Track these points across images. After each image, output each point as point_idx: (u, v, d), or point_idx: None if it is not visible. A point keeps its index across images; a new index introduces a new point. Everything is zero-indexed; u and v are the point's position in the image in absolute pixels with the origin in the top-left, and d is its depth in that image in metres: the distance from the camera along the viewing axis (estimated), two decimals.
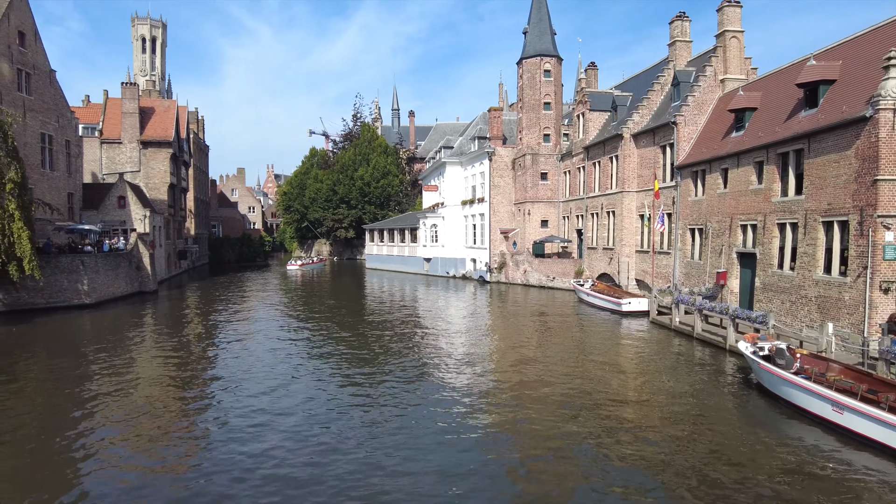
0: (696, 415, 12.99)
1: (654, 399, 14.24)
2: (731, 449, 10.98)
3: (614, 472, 10.08)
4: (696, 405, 13.70)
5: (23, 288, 28.82)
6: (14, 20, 33.25)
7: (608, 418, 12.72)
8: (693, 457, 10.63)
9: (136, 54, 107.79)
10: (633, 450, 10.90)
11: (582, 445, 11.19)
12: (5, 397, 14.76)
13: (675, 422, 12.47)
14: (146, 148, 50.35)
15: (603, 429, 12.05)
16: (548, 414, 12.99)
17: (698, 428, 12.11)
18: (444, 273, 48.48)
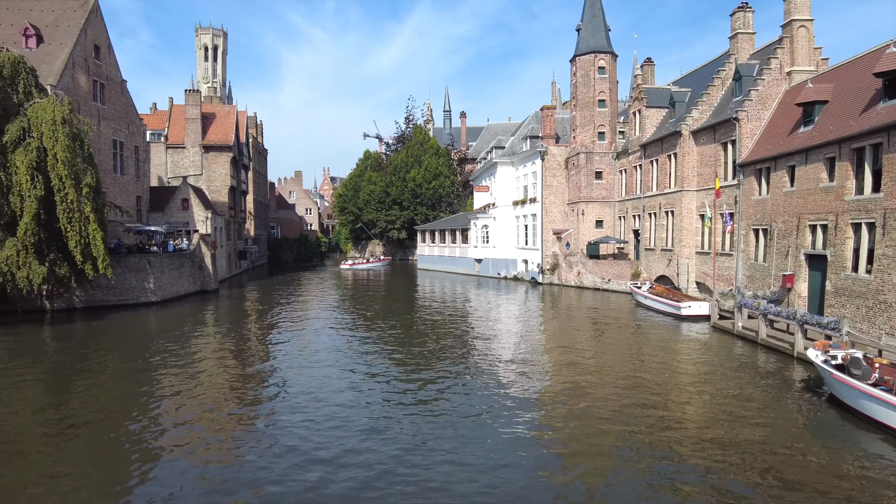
0: (760, 425, 12.32)
1: (715, 408, 13.63)
2: (799, 465, 10.34)
3: (669, 484, 9.68)
4: (761, 415, 13.00)
5: (97, 286, 30.54)
6: (90, 35, 35.29)
7: (665, 426, 12.25)
8: (756, 471, 10.07)
9: (199, 62, 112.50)
10: (692, 462, 10.44)
11: (636, 453, 10.83)
12: (84, 388, 15.64)
13: (738, 433, 11.86)
14: (208, 152, 52.44)
15: (659, 438, 11.61)
16: (601, 420, 12.63)
17: (763, 440, 11.48)
18: (496, 274, 48.21)
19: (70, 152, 25.84)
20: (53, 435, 12.30)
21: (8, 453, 11.21)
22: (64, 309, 30.10)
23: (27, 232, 25.39)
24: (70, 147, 25.89)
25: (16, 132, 25.77)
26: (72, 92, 32.32)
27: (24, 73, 27.34)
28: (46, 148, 25.63)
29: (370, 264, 67.61)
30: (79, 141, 26.78)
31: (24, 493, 9.46)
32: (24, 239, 25.36)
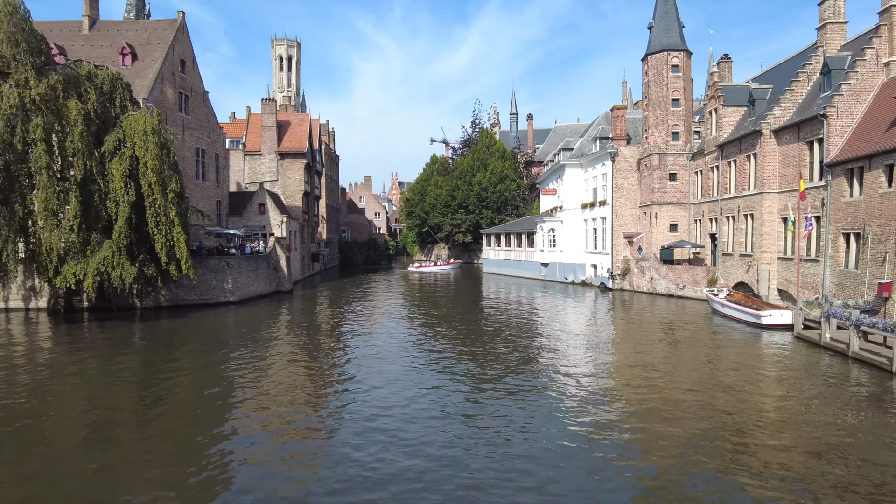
0: (851, 447, 11.41)
1: (799, 426, 12.75)
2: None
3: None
4: (853, 436, 12.03)
5: (180, 286, 32.48)
6: (177, 50, 37.66)
7: (743, 445, 11.58)
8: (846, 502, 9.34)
9: (274, 72, 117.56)
10: (772, 485, 9.80)
11: (709, 474, 10.27)
12: (169, 381, 16.67)
13: (826, 455, 11.01)
14: (283, 159, 54.67)
15: (736, 458, 10.99)
16: (673, 435, 12.11)
17: (855, 465, 10.62)
18: (563, 279, 47.39)
19: (158, 160, 27.64)
20: (142, 424, 13.17)
21: (103, 438, 12.10)
22: (151, 307, 32.21)
23: (121, 235, 27.36)
24: (158, 155, 27.70)
25: (113, 143, 27.86)
26: (160, 104, 34.59)
27: (120, 88, 29.54)
28: (138, 156, 27.55)
29: (439, 267, 68.25)
30: (166, 149, 28.59)
31: (115, 474, 10.18)
32: (117, 241, 27.35)
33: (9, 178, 25.82)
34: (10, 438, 12.25)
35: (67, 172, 27.93)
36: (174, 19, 38.92)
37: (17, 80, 25.87)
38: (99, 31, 38.94)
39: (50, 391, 15.96)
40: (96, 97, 27.98)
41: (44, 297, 31.54)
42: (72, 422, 13.43)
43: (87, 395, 15.67)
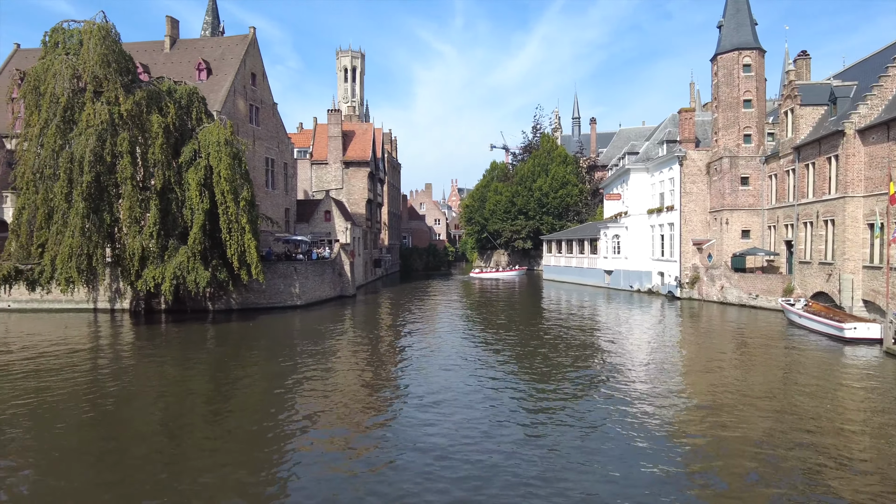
0: None
1: (890, 452, 11.84)
2: None
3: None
4: None
5: (249, 290, 33.88)
6: (248, 64, 39.45)
7: (824, 472, 10.86)
8: None
9: (339, 83, 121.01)
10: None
11: (784, 499, 9.67)
12: (239, 380, 17.41)
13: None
14: (348, 167, 56.14)
15: (816, 486, 10.33)
16: (745, 457, 11.47)
17: None
18: (628, 287, 46.11)
19: (231, 170, 29.00)
20: (212, 420, 13.80)
21: (176, 431, 12.78)
22: (223, 310, 33.75)
23: (195, 241, 28.86)
24: (231, 165, 29.06)
25: (189, 153, 29.48)
26: (233, 116, 36.31)
27: (196, 101, 31.26)
28: (212, 166, 29.01)
29: (502, 273, 67.78)
30: (238, 159, 29.96)
31: (186, 464, 10.72)
32: (192, 247, 28.86)
33: (99, 188, 27.78)
34: (93, 427, 13.14)
35: (148, 182, 29.79)
36: (246, 35, 40.85)
37: (108, 97, 27.85)
38: (178, 49, 41.40)
39: (130, 386, 17.00)
40: (175, 111, 29.71)
41: (126, 299, 33.68)
42: (147, 416, 14.25)
43: (162, 392, 16.59)
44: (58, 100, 27.65)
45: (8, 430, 13.05)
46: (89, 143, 26.88)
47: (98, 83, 28.10)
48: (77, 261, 27.25)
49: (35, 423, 13.54)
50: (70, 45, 28.85)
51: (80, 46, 28.42)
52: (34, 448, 12.07)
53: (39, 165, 27.74)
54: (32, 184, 27.92)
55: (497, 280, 61.99)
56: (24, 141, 28.65)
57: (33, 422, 13.66)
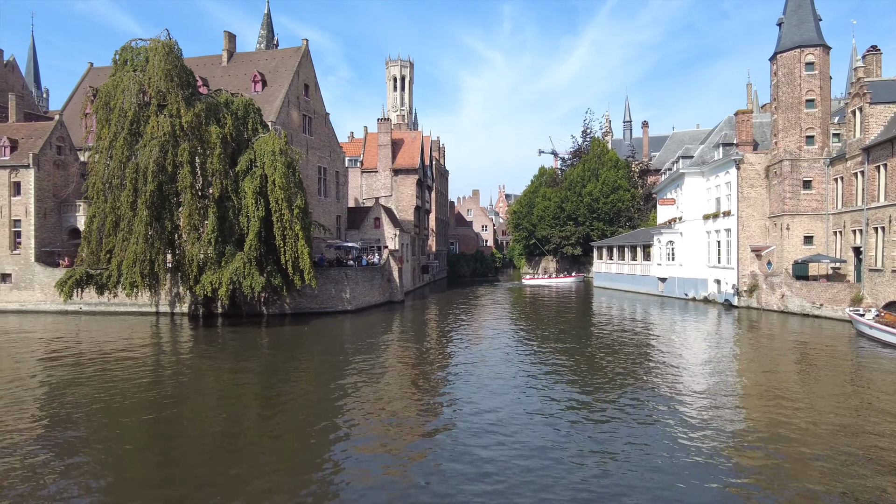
0: None
1: None
2: None
3: None
4: None
5: (302, 295, 34.71)
6: (301, 76, 40.57)
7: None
8: None
9: (388, 92, 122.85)
10: None
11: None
12: (291, 386, 17.84)
13: None
14: (397, 175, 56.84)
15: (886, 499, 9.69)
16: (810, 479, 10.87)
17: None
18: (682, 295, 44.71)
19: (285, 178, 29.84)
20: (264, 422, 14.18)
21: (231, 431, 13.19)
22: (276, 314, 34.69)
23: (251, 247, 29.81)
24: (285, 174, 29.91)
25: (245, 163, 30.53)
26: (287, 126, 37.39)
27: (252, 113, 32.36)
28: (267, 175, 29.94)
29: (556, 280, 66.65)
30: (292, 168, 30.81)
31: (240, 464, 11.04)
32: (248, 253, 29.81)
33: (161, 196, 29.13)
34: (153, 425, 13.72)
35: (207, 191, 31.01)
36: (299, 47, 42.04)
37: (171, 110, 29.22)
38: (235, 62, 43.02)
39: (187, 386, 17.69)
40: (232, 122, 30.85)
41: (186, 303, 35.09)
42: (204, 416, 14.76)
43: (218, 393, 17.16)
44: (125, 114, 29.21)
45: (80, 426, 13.79)
46: (153, 154, 28.25)
47: (162, 97, 29.52)
48: (141, 266, 28.62)
49: (102, 421, 14.25)
50: (137, 62, 30.46)
51: (146, 63, 29.96)
52: (101, 444, 12.71)
53: (108, 176, 29.34)
54: (102, 193, 29.55)
55: (550, 287, 60.75)
56: (95, 153, 30.37)
57: (100, 419, 14.38)
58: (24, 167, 37.21)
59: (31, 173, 37.13)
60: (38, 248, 37.51)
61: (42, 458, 11.76)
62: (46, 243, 38.03)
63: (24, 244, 37.53)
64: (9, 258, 37.71)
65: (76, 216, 38.71)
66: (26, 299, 37.44)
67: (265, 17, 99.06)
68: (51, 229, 38.41)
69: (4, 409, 15.18)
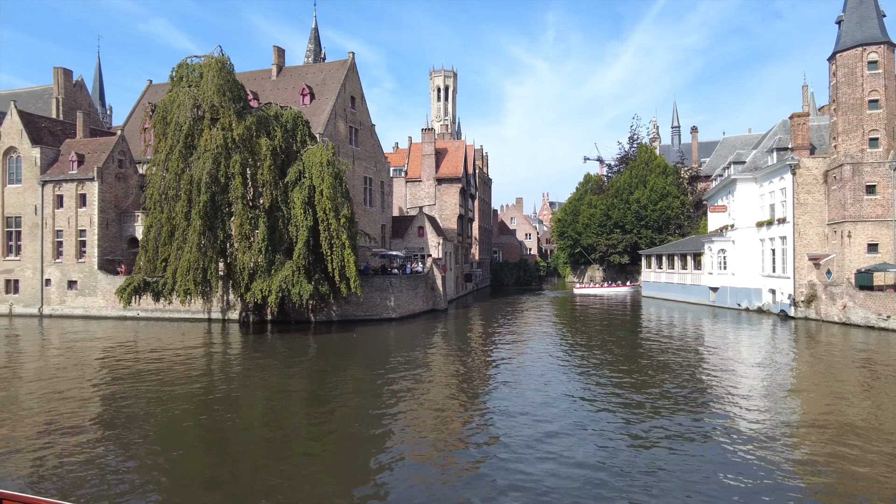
0: None
1: None
2: None
3: None
4: None
5: (348, 302, 35.22)
6: (348, 88, 41.40)
7: None
8: None
9: (432, 103, 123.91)
10: None
11: None
12: (337, 391, 18.09)
13: None
14: (440, 184, 57.16)
15: None
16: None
17: None
18: (735, 305, 43.14)
19: (332, 189, 30.45)
20: (312, 426, 14.40)
21: (279, 435, 13.45)
22: (324, 321, 35.30)
23: (300, 256, 30.48)
24: (332, 184, 30.52)
25: (294, 174, 31.31)
26: (334, 137, 38.19)
27: (301, 125, 33.21)
28: (315, 186, 30.61)
29: (609, 289, 65.24)
30: (339, 179, 31.41)
31: (288, 467, 11.23)
32: (297, 262, 30.49)
33: (214, 207, 30.17)
34: (206, 429, 14.13)
35: (257, 201, 31.93)
36: (345, 60, 42.94)
37: (223, 123, 30.30)
38: (284, 76, 44.30)
39: (238, 390, 18.16)
40: (281, 134, 31.73)
41: (236, 310, 36.13)
42: (253, 420, 15.11)
43: (267, 397, 17.55)
44: (181, 128, 30.45)
45: (139, 427, 14.34)
46: (206, 166, 29.33)
47: (215, 111, 30.65)
48: (194, 274, 29.65)
49: (158, 421, 14.79)
50: (192, 78, 31.75)
51: (200, 79, 31.20)
52: (159, 445, 13.17)
53: (164, 187, 30.61)
54: (158, 204, 30.83)
55: (602, 297, 59.25)
56: (152, 166, 31.76)
57: (157, 420, 14.93)
58: (89, 180, 39.25)
59: (95, 186, 39.14)
60: (101, 256, 39.42)
61: (102, 454, 12.28)
62: (108, 252, 39.93)
63: (89, 253, 39.52)
64: (75, 266, 39.77)
65: (135, 226, 40.52)
66: (90, 305, 39.36)
67: (313, 32, 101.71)
68: (112, 239, 40.32)
69: (70, 406, 15.95)
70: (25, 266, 41.10)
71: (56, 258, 40.32)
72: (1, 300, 41.58)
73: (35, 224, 40.68)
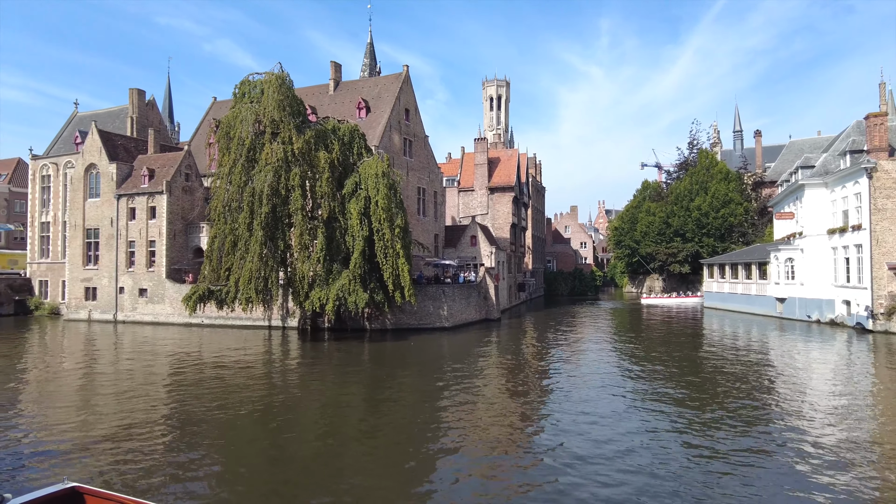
0: None
1: None
2: None
3: None
4: None
5: (402, 311, 35.59)
6: (402, 101, 42.10)
7: None
8: None
9: (485, 112, 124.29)
10: None
11: None
12: (392, 398, 18.27)
13: None
14: (493, 193, 57.11)
15: None
16: None
17: None
18: (805, 317, 40.91)
19: (387, 199, 30.96)
20: (367, 434, 14.58)
21: (336, 442, 13.69)
22: (378, 329, 35.79)
23: (356, 265, 31.09)
24: (387, 195, 31.04)
25: (351, 185, 32.04)
26: (388, 149, 38.85)
27: (357, 138, 33.99)
28: (370, 197, 31.20)
29: (675, 299, 63.32)
30: (393, 190, 31.92)
31: (343, 475, 11.40)
32: (353, 271, 31.10)
33: (274, 218, 31.22)
34: (265, 434, 14.55)
35: (316, 212, 32.82)
36: (399, 74, 43.71)
37: (283, 137, 31.38)
38: (341, 90, 45.49)
39: (296, 396, 18.62)
40: (339, 147, 32.55)
41: (295, 318, 37.13)
42: (311, 426, 15.44)
43: (324, 403, 17.91)
44: (243, 142, 31.72)
45: (202, 429, 14.93)
46: (267, 179, 30.41)
47: (275, 126, 31.79)
48: (255, 283, 30.70)
49: (221, 425, 15.34)
50: (254, 94, 33.07)
51: (261, 95, 32.46)
52: (219, 447, 13.66)
53: (228, 199, 31.91)
54: (222, 216, 32.15)
55: (670, 307, 57.22)
56: (217, 179, 33.20)
57: (220, 424, 15.48)
58: (158, 193, 41.44)
59: (164, 199, 41.27)
60: (169, 265, 41.46)
61: (169, 454, 12.84)
62: (175, 262, 41.95)
63: (158, 262, 41.64)
64: (145, 275, 41.98)
65: (200, 237, 42.41)
66: (158, 312, 41.41)
67: (368, 46, 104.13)
68: (179, 249, 42.33)
69: (141, 407, 16.78)
70: (102, 275, 43.70)
71: (129, 267, 42.68)
72: (81, 306, 44.37)
73: (111, 235, 43.23)
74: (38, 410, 17.27)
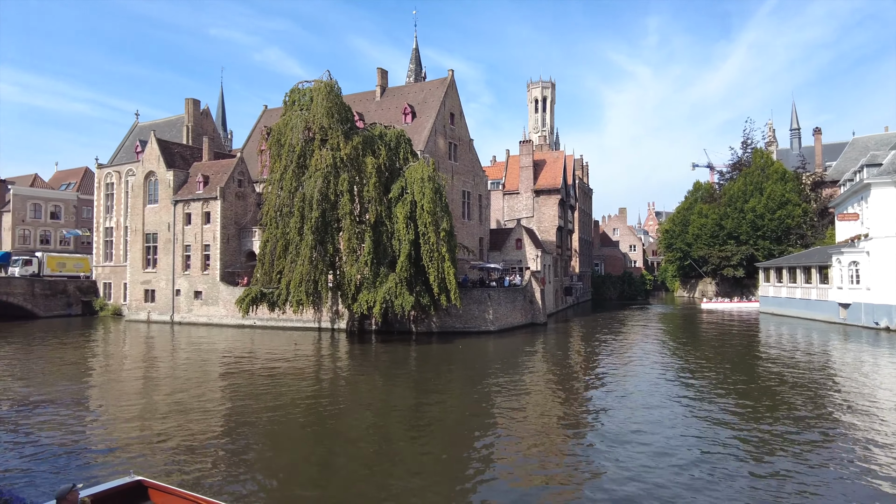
0: None
1: None
2: None
3: None
4: None
5: (447, 314, 35.69)
6: (447, 105, 42.31)
7: None
8: None
9: (530, 114, 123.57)
10: None
11: None
12: (437, 400, 18.34)
13: None
14: (538, 196, 56.64)
15: None
16: None
17: None
18: (872, 324, 38.78)
19: (433, 203, 31.15)
20: (413, 438, 14.68)
21: (382, 445, 13.84)
22: (424, 332, 36.00)
23: (402, 268, 31.39)
24: (433, 199, 31.22)
25: (397, 190, 32.40)
26: (434, 153, 39.09)
27: (403, 143, 34.36)
28: (416, 201, 31.46)
29: (736, 304, 61.23)
30: (439, 193, 32.09)
31: (389, 479, 11.50)
32: (399, 274, 31.41)
33: (324, 222, 31.87)
34: (313, 435, 14.83)
35: (364, 216, 33.32)
36: (444, 78, 43.94)
37: (332, 143, 32.03)
38: (387, 97, 46.09)
39: (343, 397, 18.92)
40: (385, 153, 32.98)
41: (344, 320, 37.76)
42: (357, 428, 15.65)
43: (371, 405, 18.13)
44: (294, 149, 32.53)
45: (257, 430, 15.36)
46: (317, 184, 31.09)
47: (324, 132, 32.48)
48: (306, 285, 31.39)
49: (275, 426, 15.74)
50: (303, 102, 33.89)
51: (310, 102, 33.23)
52: (272, 447, 14.02)
53: (279, 205, 32.78)
54: (274, 220, 33.04)
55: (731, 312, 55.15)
56: (268, 185, 34.16)
57: (273, 424, 15.89)
58: (212, 199, 42.97)
59: (218, 204, 42.75)
60: (223, 269, 42.88)
61: (224, 452, 13.26)
62: (229, 265, 43.36)
63: (212, 266, 43.14)
64: (200, 277, 43.56)
65: (252, 241, 43.72)
66: (213, 313, 42.88)
67: (413, 52, 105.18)
68: (232, 253, 43.75)
69: (197, 406, 17.42)
70: (160, 278, 45.61)
71: (185, 270, 44.39)
72: (141, 308, 46.45)
73: (168, 240, 45.09)
74: (105, 407, 18.16)
